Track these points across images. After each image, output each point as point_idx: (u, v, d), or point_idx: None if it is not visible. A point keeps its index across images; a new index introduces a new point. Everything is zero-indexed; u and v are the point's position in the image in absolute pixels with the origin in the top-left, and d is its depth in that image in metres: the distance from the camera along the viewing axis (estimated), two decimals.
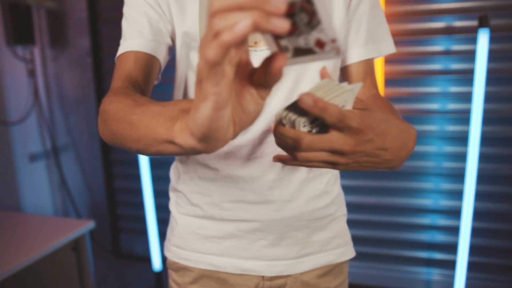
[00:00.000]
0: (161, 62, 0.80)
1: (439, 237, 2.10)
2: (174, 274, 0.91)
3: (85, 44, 2.44)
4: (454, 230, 2.05)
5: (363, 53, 0.81)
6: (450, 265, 2.08)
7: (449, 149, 2.01)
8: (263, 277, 0.83)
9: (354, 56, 0.81)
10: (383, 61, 1.95)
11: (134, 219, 2.55)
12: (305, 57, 0.40)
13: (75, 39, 2.46)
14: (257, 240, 0.81)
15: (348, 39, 0.81)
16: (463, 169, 1.96)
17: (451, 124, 2.00)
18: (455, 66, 1.93)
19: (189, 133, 0.42)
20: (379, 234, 2.16)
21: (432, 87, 1.98)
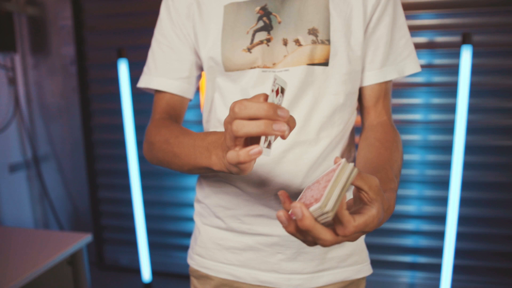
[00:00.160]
0: (189, 97, 0.91)
1: (423, 242, 2.19)
2: (196, 281, 0.94)
3: (69, 52, 2.40)
4: (437, 235, 2.15)
5: (377, 77, 0.82)
6: (434, 268, 2.18)
7: (432, 157, 2.11)
8: None
9: (368, 79, 0.83)
10: None
11: (120, 230, 2.51)
12: None
13: (59, 47, 2.41)
14: (275, 254, 0.84)
15: (365, 60, 0.82)
16: (445, 176, 2.07)
17: (433, 134, 2.10)
18: (437, 79, 2.04)
19: (223, 165, 0.58)
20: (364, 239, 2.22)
21: (415, 98, 2.08)
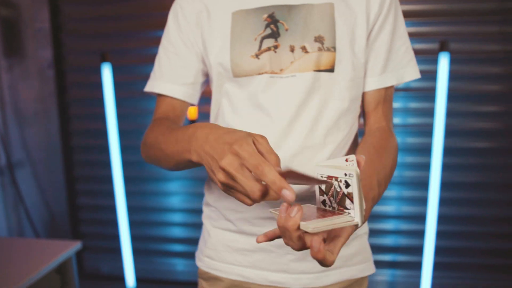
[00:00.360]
0: (193, 102, 0.93)
1: (403, 241, 2.28)
2: (205, 283, 0.95)
3: (46, 55, 2.33)
4: (416, 234, 2.24)
5: (377, 83, 0.85)
6: (414, 266, 2.27)
7: (410, 159, 2.20)
8: None
9: (369, 85, 0.86)
10: None
11: (100, 237, 2.46)
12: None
13: (35, 50, 2.34)
14: (285, 255, 0.86)
15: (367, 66, 0.85)
16: (423, 177, 2.16)
17: (411, 137, 2.19)
18: (415, 84, 2.13)
19: (203, 162, 0.62)
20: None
21: (394, 102, 2.16)
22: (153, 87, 0.91)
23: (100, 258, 2.50)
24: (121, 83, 2.27)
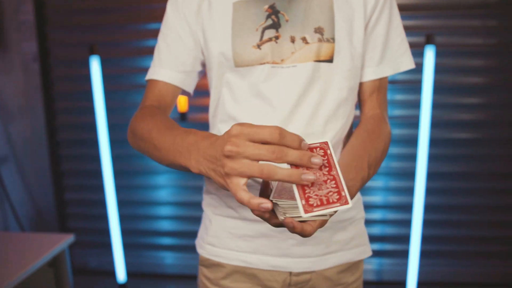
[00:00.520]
0: (189, 90, 0.93)
1: (389, 230, 2.33)
2: (206, 270, 0.96)
3: (31, 48, 2.29)
4: (403, 223, 2.29)
5: (375, 73, 0.89)
6: (400, 254, 2.32)
7: (396, 150, 2.25)
8: (290, 273, 0.90)
9: (366, 75, 0.89)
10: None
11: (88, 232, 2.44)
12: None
13: (19, 43, 2.30)
14: (287, 239, 0.88)
15: (364, 57, 0.88)
16: (409, 168, 2.21)
17: (397, 128, 2.23)
18: (401, 77, 2.17)
19: (203, 173, 0.61)
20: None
21: None
22: (152, 74, 0.91)
23: (89, 253, 2.48)
24: (109, 76, 2.25)
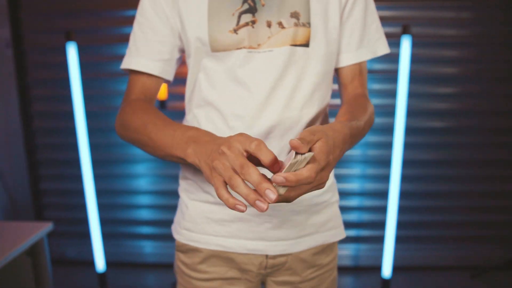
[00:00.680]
0: (169, 78, 0.91)
1: (365, 217, 2.39)
2: (183, 255, 0.96)
3: (4, 34, 2.23)
4: (379, 210, 2.35)
5: (354, 58, 0.91)
6: (376, 240, 2.39)
7: (373, 138, 2.30)
8: (266, 255, 0.92)
9: (346, 60, 0.91)
10: None
11: (66, 222, 2.42)
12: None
13: None
14: (263, 223, 0.89)
15: (341, 42, 0.89)
16: (384, 156, 2.27)
17: (374, 117, 2.28)
18: (377, 66, 2.22)
19: (196, 163, 0.66)
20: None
21: None
22: (129, 63, 0.88)
23: (66, 243, 2.45)
24: (86, 63, 2.21)
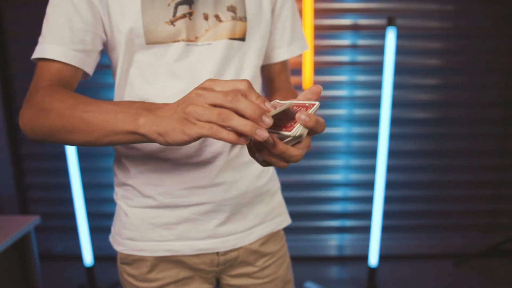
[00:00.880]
0: (89, 71, 0.81)
1: (350, 207, 2.43)
2: (129, 267, 0.92)
3: None
4: (364, 200, 2.40)
5: (287, 53, 0.94)
6: (361, 230, 2.43)
7: (357, 130, 2.33)
8: (217, 253, 0.91)
9: (279, 56, 0.93)
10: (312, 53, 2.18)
11: (52, 217, 2.39)
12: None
13: None
14: (210, 221, 0.88)
15: (274, 39, 0.92)
16: (370, 146, 2.30)
17: (358, 108, 2.31)
18: (364, 58, 2.24)
19: (154, 130, 0.56)
20: (296, 209, 2.40)
21: (343, 76, 2.28)
22: (45, 52, 0.76)
23: (52, 238, 2.43)
24: None
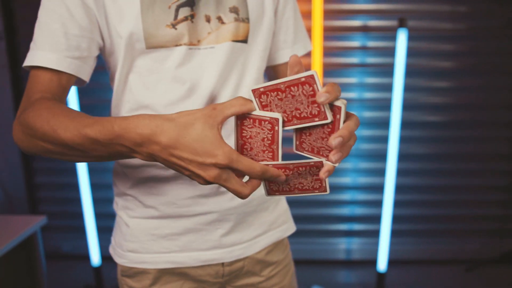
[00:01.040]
0: (85, 78, 0.78)
1: (359, 210, 2.40)
2: (130, 280, 0.89)
3: None
4: (372, 203, 2.37)
5: (293, 53, 0.88)
6: (370, 234, 2.40)
7: (367, 132, 2.31)
8: (223, 263, 0.87)
9: (284, 57, 0.92)
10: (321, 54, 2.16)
11: (61, 216, 2.41)
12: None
13: None
14: (215, 230, 0.85)
15: (278, 39, 0.90)
16: (379, 150, 2.28)
17: (368, 111, 2.29)
18: (374, 60, 2.22)
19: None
20: (305, 211, 2.38)
21: (354, 78, 2.25)
22: (35, 59, 0.72)
23: (61, 237, 2.44)
24: None
